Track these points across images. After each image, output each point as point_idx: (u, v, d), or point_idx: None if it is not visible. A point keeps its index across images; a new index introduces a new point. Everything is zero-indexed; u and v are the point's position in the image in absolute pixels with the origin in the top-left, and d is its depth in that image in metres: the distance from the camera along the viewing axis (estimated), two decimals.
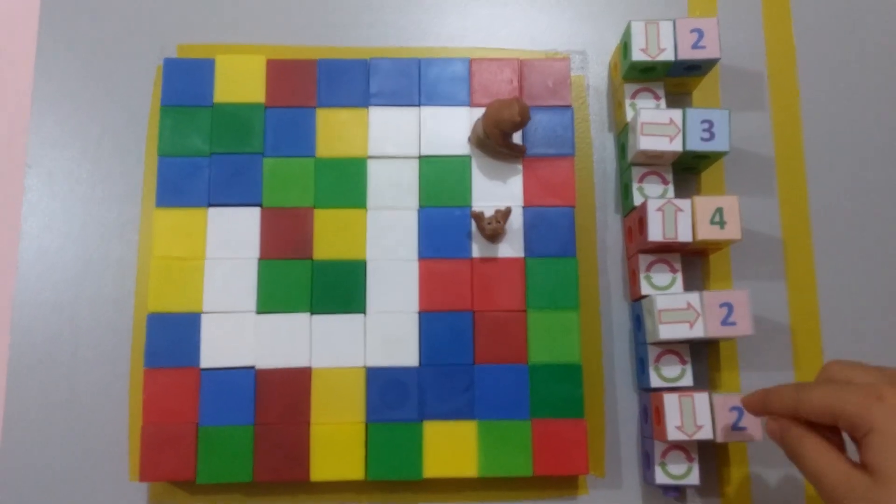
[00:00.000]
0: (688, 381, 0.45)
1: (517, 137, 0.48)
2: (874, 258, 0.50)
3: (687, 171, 0.51)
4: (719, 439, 0.43)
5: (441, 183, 0.47)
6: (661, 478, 0.44)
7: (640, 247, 0.47)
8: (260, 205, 0.47)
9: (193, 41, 0.52)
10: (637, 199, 0.48)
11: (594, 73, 0.53)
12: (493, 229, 0.45)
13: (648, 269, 0.47)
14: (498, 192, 0.47)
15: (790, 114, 0.52)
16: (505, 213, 0.46)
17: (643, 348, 0.47)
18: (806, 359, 0.49)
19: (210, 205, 0.46)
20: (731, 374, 0.49)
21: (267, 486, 0.46)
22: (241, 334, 0.45)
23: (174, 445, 0.44)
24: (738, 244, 0.49)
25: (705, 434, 0.43)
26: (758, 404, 0.39)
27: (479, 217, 0.45)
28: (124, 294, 0.48)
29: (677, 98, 0.52)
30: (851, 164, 0.51)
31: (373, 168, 0.47)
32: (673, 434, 0.43)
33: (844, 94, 0.52)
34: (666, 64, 0.47)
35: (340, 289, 0.46)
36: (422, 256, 0.46)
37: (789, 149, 0.52)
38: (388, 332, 0.45)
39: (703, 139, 0.46)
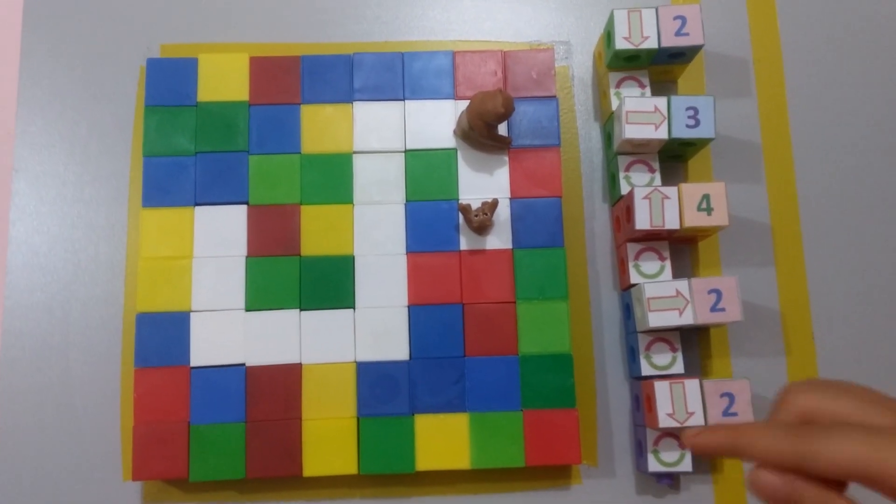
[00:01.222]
0: (679, 368, 0.45)
1: (502, 129, 0.48)
2: (862, 242, 0.50)
3: (674, 159, 0.51)
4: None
5: (427, 176, 0.47)
6: (653, 465, 0.44)
7: (628, 235, 0.47)
8: (246, 202, 0.47)
9: (176, 41, 0.52)
10: (624, 188, 0.48)
11: (579, 63, 0.53)
12: (481, 221, 0.45)
13: (637, 257, 0.47)
14: (484, 184, 0.47)
15: (776, 100, 0.52)
16: (492, 205, 0.46)
17: (633, 337, 0.47)
18: (797, 344, 0.49)
19: (196, 204, 0.46)
20: (723, 361, 0.49)
21: (260, 483, 0.46)
22: (230, 332, 0.45)
23: (166, 444, 0.44)
24: (726, 231, 0.49)
25: (697, 421, 0.43)
26: (724, 447, 0.30)
27: (466, 210, 0.45)
28: (114, 294, 0.48)
29: (662, 86, 0.52)
30: (838, 148, 0.51)
31: (359, 163, 0.47)
32: (664, 421, 0.43)
33: (830, 78, 0.52)
34: (650, 52, 0.47)
35: (329, 284, 0.46)
36: (409, 250, 0.46)
37: (776, 135, 0.52)
38: (377, 326, 0.45)
39: (688, 126, 0.46)
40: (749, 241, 0.50)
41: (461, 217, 0.47)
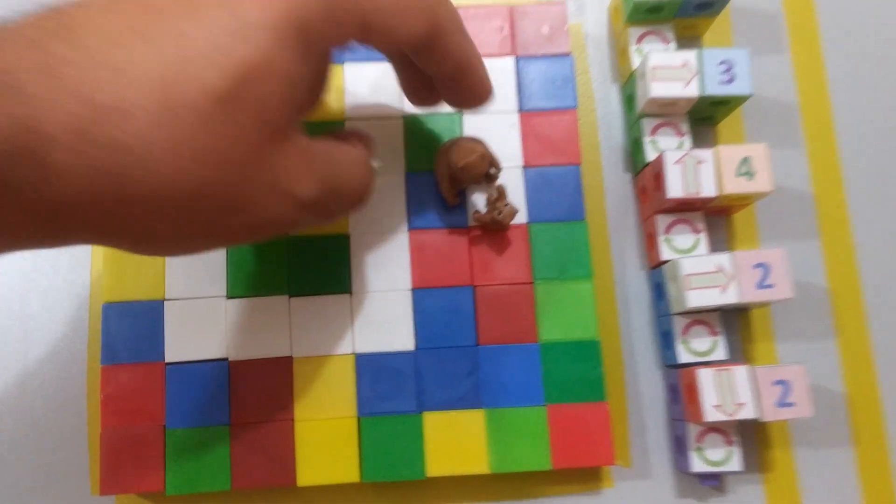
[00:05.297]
0: (721, 354, 0.40)
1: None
2: None
3: (701, 122, 0.46)
4: (766, 418, 0.38)
5: (430, 143, 0.42)
6: (698, 465, 0.39)
7: (657, 207, 0.42)
8: None
9: None
10: (650, 154, 0.43)
11: (592, 21, 0.48)
12: (509, 211, 0.40)
13: (668, 230, 0.42)
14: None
15: (812, 55, 0.47)
16: (500, 194, 0.41)
17: (666, 320, 0.42)
18: (848, 323, 0.44)
19: None
20: (766, 345, 0.44)
21: (248, 495, 0.41)
22: (210, 323, 0.40)
23: (139, 452, 0.38)
24: (764, 200, 0.44)
25: (748, 413, 0.38)
26: None
27: (483, 216, 0.40)
28: (79, 283, 0.43)
29: (686, 42, 0.47)
30: (882, 105, 0.47)
31: None
32: (711, 414, 0.37)
33: (869, 28, 0.48)
34: (674, 2, 0.43)
35: (321, 267, 0.41)
36: (412, 227, 0.41)
37: (814, 93, 0.47)
38: (377, 313, 0.40)
39: (721, 82, 0.41)
40: (789, 211, 0.45)
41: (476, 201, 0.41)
